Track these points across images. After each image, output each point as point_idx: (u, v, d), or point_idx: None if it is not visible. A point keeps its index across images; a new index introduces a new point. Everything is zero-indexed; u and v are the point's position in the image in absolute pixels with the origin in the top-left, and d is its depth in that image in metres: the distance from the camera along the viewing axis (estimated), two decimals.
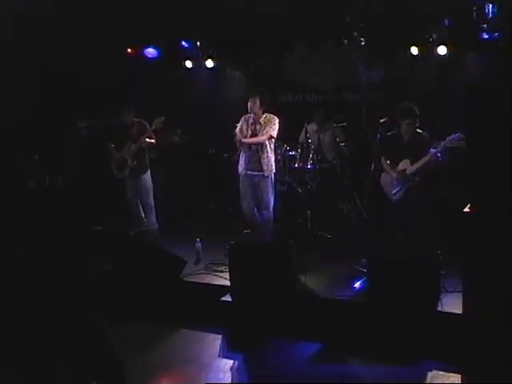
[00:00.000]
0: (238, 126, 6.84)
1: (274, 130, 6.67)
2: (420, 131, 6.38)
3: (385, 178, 6.60)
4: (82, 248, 6.14)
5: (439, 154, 6.13)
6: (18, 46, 7.41)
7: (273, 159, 6.79)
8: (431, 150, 6.14)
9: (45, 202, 7.58)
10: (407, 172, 6.32)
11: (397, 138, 6.48)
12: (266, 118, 6.71)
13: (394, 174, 6.43)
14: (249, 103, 6.64)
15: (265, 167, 6.67)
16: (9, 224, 6.56)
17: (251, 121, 6.76)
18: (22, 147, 7.54)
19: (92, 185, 8.18)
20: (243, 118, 6.85)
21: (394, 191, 6.44)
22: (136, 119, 7.23)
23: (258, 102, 6.62)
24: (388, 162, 6.56)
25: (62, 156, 8.07)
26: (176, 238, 7.24)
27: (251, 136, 6.70)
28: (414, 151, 6.30)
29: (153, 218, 7.32)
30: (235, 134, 6.81)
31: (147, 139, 7.08)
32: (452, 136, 6.04)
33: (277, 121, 6.68)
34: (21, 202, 7.25)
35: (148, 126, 7.13)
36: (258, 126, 6.71)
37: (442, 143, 6.09)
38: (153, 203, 7.30)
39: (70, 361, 3.89)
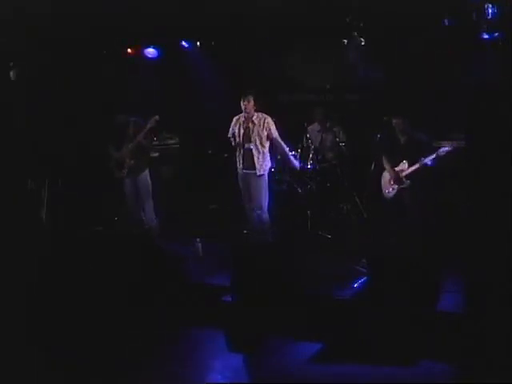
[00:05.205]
0: (231, 129, 6.90)
1: (276, 130, 6.75)
2: (418, 131, 6.40)
3: (385, 176, 6.67)
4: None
5: (429, 163, 6.19)
6: (19, 46, 7.41)
7: (267, 159, 6.84)
8: (422, 158, 6.21)
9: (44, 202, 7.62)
10: (402, 174, 6.39)
11: (393, 138, 6.53)
12: (258, 116, 6.77)
13: (392, 174, 6.50)
14: (243, 103, 6.70)
15: (257, 166, 6.75)
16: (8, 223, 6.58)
17: (242, 119, 6.83)
18: (22, 148, 7.54)
19: (92, 185, 8.18)
20: (234, 119, 6.91)
21: (388, 190, 6.54)
22: (132, 118, 7.26)
23: (252, 101, 6.69)
24: (388, 161, 6.60)
25: (62, 156, 8.06)
26: (176, 238, 7.24)
27: (243, 135, 6.77)
28: (410, 153, 6.35)
29: (152, 215, 7.33)
30: (230, 137, 6.89)
31: (144, 138, 7.11)
32: (442, 149, 6.12)
33: (271, 119, 6.77)
34: (21, 201, 7.27)
35: (144, 124, 7.15)
36: (250, 125, 6.79)
37: (432, 156, 6.16)
38: (151, 201, 7.31)
39: None
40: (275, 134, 6.78)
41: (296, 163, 7.22)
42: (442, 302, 4.96)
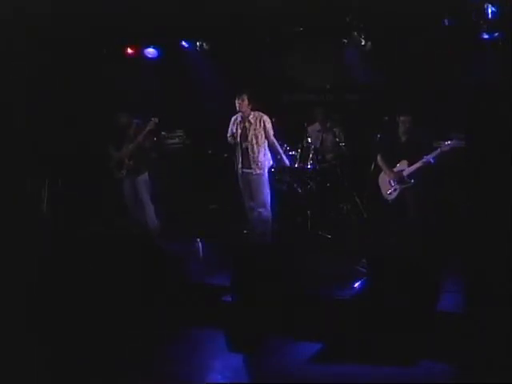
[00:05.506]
0: (230, 129, 6.92)
1: (271, 129, 6.81)
2: (418, 131, 6.40)
3: (382, 178, 6.65)
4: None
5: (432, 161, 6.19)
6: (19, 46, 7.40)
7: (266, 157, 6.87)
8: (424, 156, 6.20)
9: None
10: (404, 174, 6.37)
11: (395, 137, 6.52)
12: (254, 116, 6.78)
13: (391, 175, 6.47)
14: (237, 101, 6.70)
15: (253, 165, 6.76)
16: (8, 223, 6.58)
17: (239, 119, 6.83)
18: (22, 148, 7.54)
19: (92, 185, 8.18)
20: (232, 119, 6.92)
21: (390, 191, 6.50)
22: (134, 120, 7.26)
23: (246, 100, 6.70)
24: (385, 161, 6.59)
25: (62, 156, 8.06)
26: (176, 238, 7.24)
27: (241, 134, 6.79)
28: (411, 152, 6.34)
29: (152, 216, 7.32)
30: (229, 137, 6.91)
31: (144, 139, 7.12)
32: (446, 144, 6.10)
33: (267, 118, 6.78)
34: (21, 201, 7.27)
35: (143, 126, 7.15)
36: (247, 124, 6.80)
37: (436, 151, 6.15)
38: (151, 203, 7.30)
39: None
40: (270, 132, 6.80)
41: (286, 161, 7.27)
42: (442, 302, 4.96)
